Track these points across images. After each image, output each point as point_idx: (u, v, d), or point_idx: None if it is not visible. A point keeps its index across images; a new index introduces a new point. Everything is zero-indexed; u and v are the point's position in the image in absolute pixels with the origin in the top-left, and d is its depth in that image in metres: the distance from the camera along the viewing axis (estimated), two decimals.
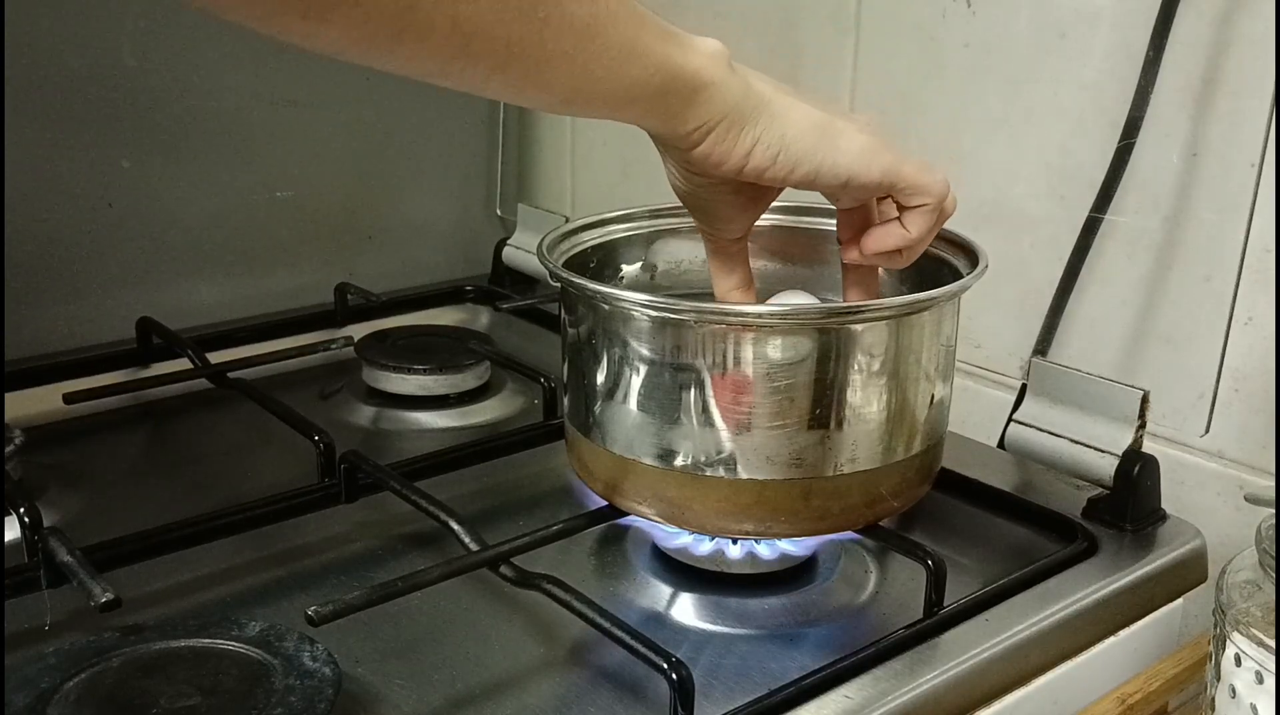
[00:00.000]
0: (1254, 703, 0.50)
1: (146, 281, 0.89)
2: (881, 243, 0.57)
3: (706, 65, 0.49)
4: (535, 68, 0.45)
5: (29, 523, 0.57)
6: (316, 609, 0.49)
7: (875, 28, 0.82)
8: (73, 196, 0.85)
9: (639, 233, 0.67)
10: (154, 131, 0.88)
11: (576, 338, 0.59)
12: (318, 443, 0.67)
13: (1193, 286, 0.69)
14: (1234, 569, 0.53)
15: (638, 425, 0.56)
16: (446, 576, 0.55)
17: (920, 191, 0.55)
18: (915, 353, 0.56)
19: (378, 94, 0.98)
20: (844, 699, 0.51)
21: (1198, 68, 0.67)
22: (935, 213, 0.56)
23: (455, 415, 0.83)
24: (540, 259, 0.59)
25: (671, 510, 0.57)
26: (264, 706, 0.47)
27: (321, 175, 0.97)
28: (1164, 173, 0.69)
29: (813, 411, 0.54)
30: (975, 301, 0.68)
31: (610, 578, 0.62)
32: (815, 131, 0.52)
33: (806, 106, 0.53)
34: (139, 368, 0.85)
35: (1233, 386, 0.69)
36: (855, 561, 0.64)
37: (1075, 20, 0.72)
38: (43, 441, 0.74)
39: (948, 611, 0.57)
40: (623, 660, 0.53)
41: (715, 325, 0.53)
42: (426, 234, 1.05)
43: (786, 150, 0.51)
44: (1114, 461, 0.65)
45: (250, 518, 0.64)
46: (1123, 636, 0.61)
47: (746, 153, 0.51)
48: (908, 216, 0.56)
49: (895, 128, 0.81)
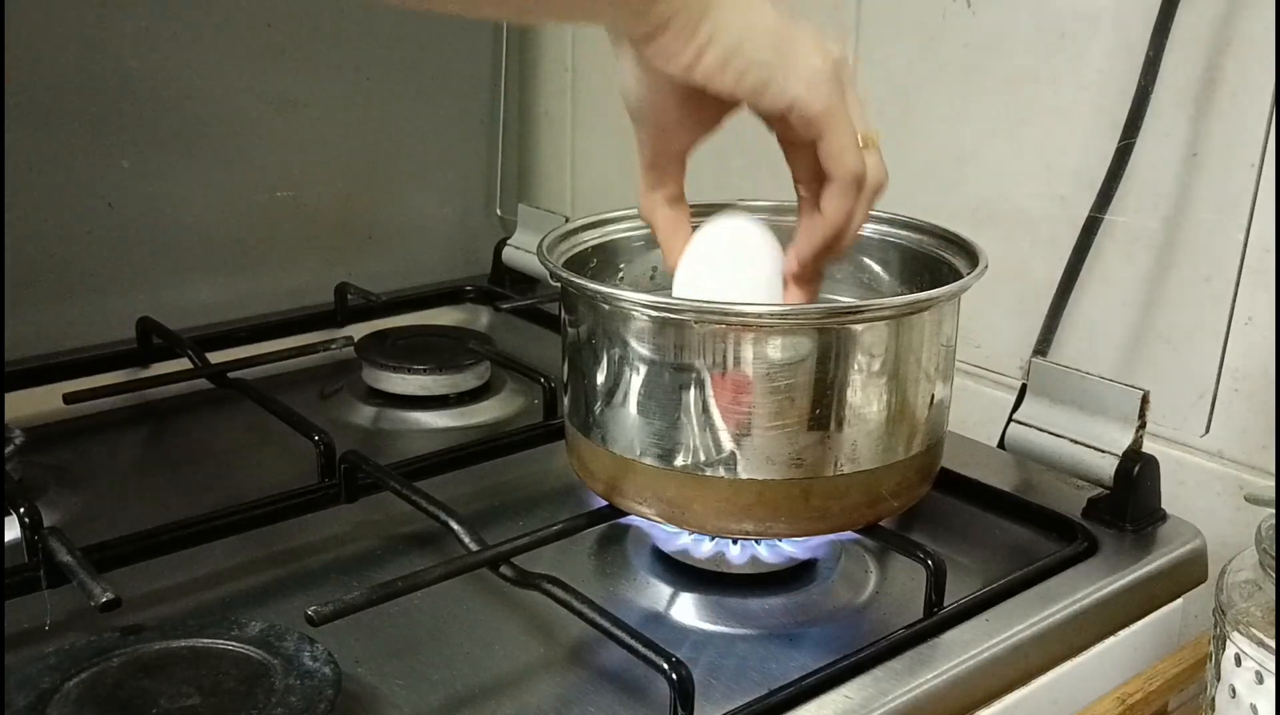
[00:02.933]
0: (1254, 703, 0.50)
1: (146, 281, 0.89)
2: (810, 240, 0.55)
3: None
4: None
5: (29, 523, 0.57)
6: (316, 609, 0.49)
7: (875, 28, 0.82)
8: (73, 196, 0.85)
9: (639, 233, 0.67)
10: (154, 131, 0.88)
11: (576, 338, 0.59)
12: (318, 443, 0.67)
13: (1193, 286, 0.69)
14: (1234, 569, 0.53)
15: (638, 425, 0.56)
16: (446, 576, 0.55)
17: (835, 159, 0.52)
18: (915, 353, 0.56)
19: (378, 94, 0.98)
20: (844, 699, 0.51)
21: (1198, 68, 0.67)
22: (850, 193, 0.53)
23: (455, 415, 0.83)
24: (540, 259, 0.59)
25: (671, 510, 0.57)
26: (264, 706, 0.47)
27: (321, 175, 0.97)
28: (1164, 173, 0.69)
29: (813, 411, 0.54)
30: (975, 301, 0.67)
31: (610, 578, 0.62)
32: (772, 37, 0.50)
33: (769, 9, 0.50)
34: (139, 368, 0.85)
35: (1233, 386, 0.69)
36: (855, 561, 0.64)
37: (1075, 20, 0.72)
38: (43, 441, 0.74)
39: (948, 611, 0.57)
40: (623, 660, 0.53)
41: (715, 325, 0.53)
42: (426, 234, 1.05)
43: (738, 52, 0.49)
44: (1114, 461, 0.65)
45: (250, 518, 0.64)
46: (1123, 636, 0.61)
47: (700, 49, 0.48)
48: (825, 196, 0.53)
49: (886, 135, 0.82)
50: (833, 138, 0.52)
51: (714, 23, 0.48)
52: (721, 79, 0.49)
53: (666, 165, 0.56)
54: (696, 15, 0.48)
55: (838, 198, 0.53)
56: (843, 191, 0.53)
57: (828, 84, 0.51)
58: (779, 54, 0.50)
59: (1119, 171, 0.70)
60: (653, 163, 0.56)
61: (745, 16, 0.49)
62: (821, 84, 0.51)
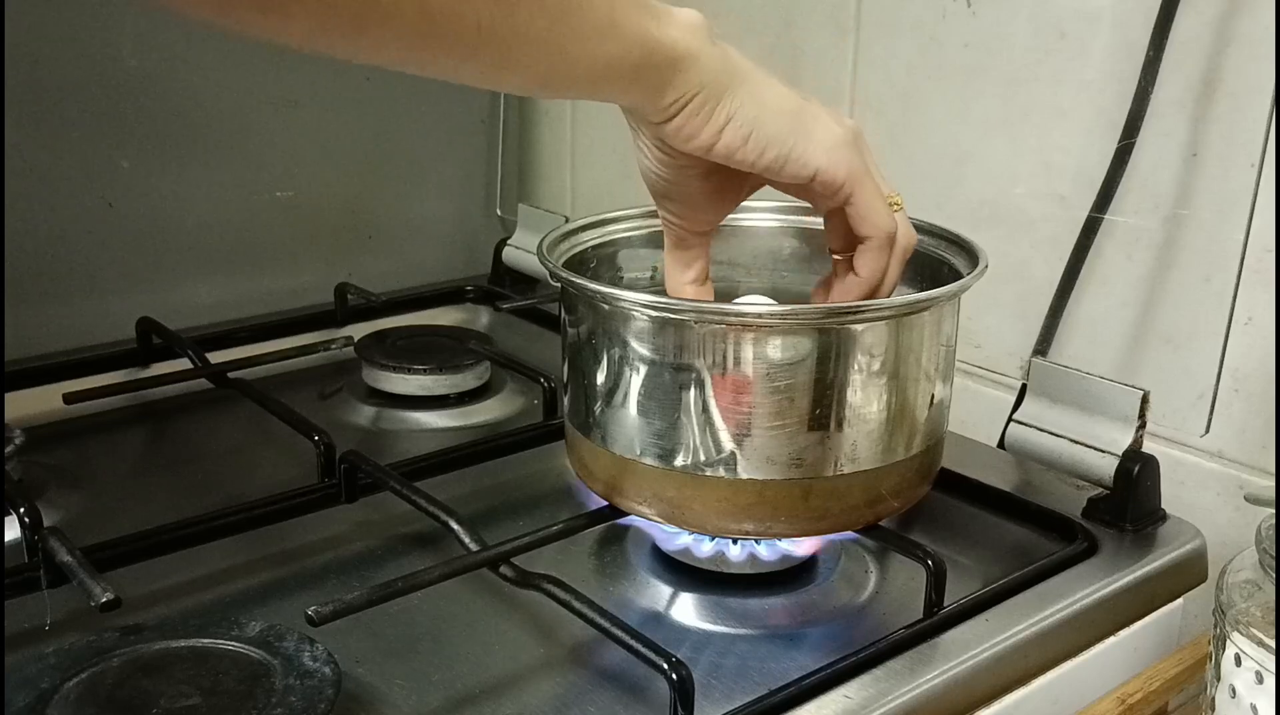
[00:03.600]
0: (1254, 703, 0.50)
1: (146, 281, 0.89)
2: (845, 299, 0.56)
3: (684, 37, 0.48)
4: (508, 51, 0.44)
5: (29, 523, 0.57)
6: (316, 609, 0.49)
7: (875, 28, 0.82)
8: (73, 196, 0.85)
9: (639, 233, 0.67)
10: (154, 131, 0.88)
11: (576, 338, 0.59)
12: (318, 443, 0.67)
13: (1193, 286, 0.69)
14: (1234, 569, 0.53)
15: (638, 425, 0.56)
16: (446, 576, 0.55)
17: (867, 220, 0.53)
18: (915, 353, 0.56)
19: (378, 94, 0.98)
20: (844, 699, 0.51)
21: (1198, 68, 0.67)
22: (884, 251, 0.54)
23: (455, 415, 0.83)
24: (540, 259, 0.59)
25: (671, 510, 0.57)
26: (264, 706, 0.47)
27: (321, 175, 0.97)
28: (1164, 173, 0.69)
29: (813, 411, 0.54)
30: (975, 301, 0.68)
31: (610, 578, 0.62)
32: (790, 115, 0.51)
33: (785, 89, 0.52)
34: (139, 368, 0.85)
35: (1233, 386, 0.69)
36: (855, 561, 0.64)
37: (1075, 20, 0.72)
38: (43, 441, 0.74)
39: (948, 611, 0.57)
40: (623, 660, 0.53)
41: (715, 325, 0.53)
42: (426, 234, 1.06)
43: (759, 130, 0.50)
44: (1114, 461, 0.65)
45: (250, 518, 0.64)
46: (1123, 636, 0.61)
47: (719, 129, 0.50)
48: (859, 258, 0.55)
49: (886, 135, 0.82)
50: (861, 199, 0.53)
51: (732, 102, 0.50)
52: (743, 154, 0.51)
53: (693, 244, 0.58)
54: (715, 96, 0.49)
55: (872, 256, 0.55)
56: (877, 249, 0.54)
57: (848, 150, 0.52)
58: (797, 127, 0.51)
59: (1119, 171, 0.70)
60: (680, 241, 0.58)
61: (762, 95, 0.50)
62: (842, 150, 0.52)
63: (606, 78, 0.47)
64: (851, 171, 0.52)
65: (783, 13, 0.87)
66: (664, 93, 0.49)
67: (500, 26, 0.43)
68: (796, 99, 0.52)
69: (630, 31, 0.47)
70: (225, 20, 0.39)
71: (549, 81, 0.47)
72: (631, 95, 0.49)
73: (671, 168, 0.53)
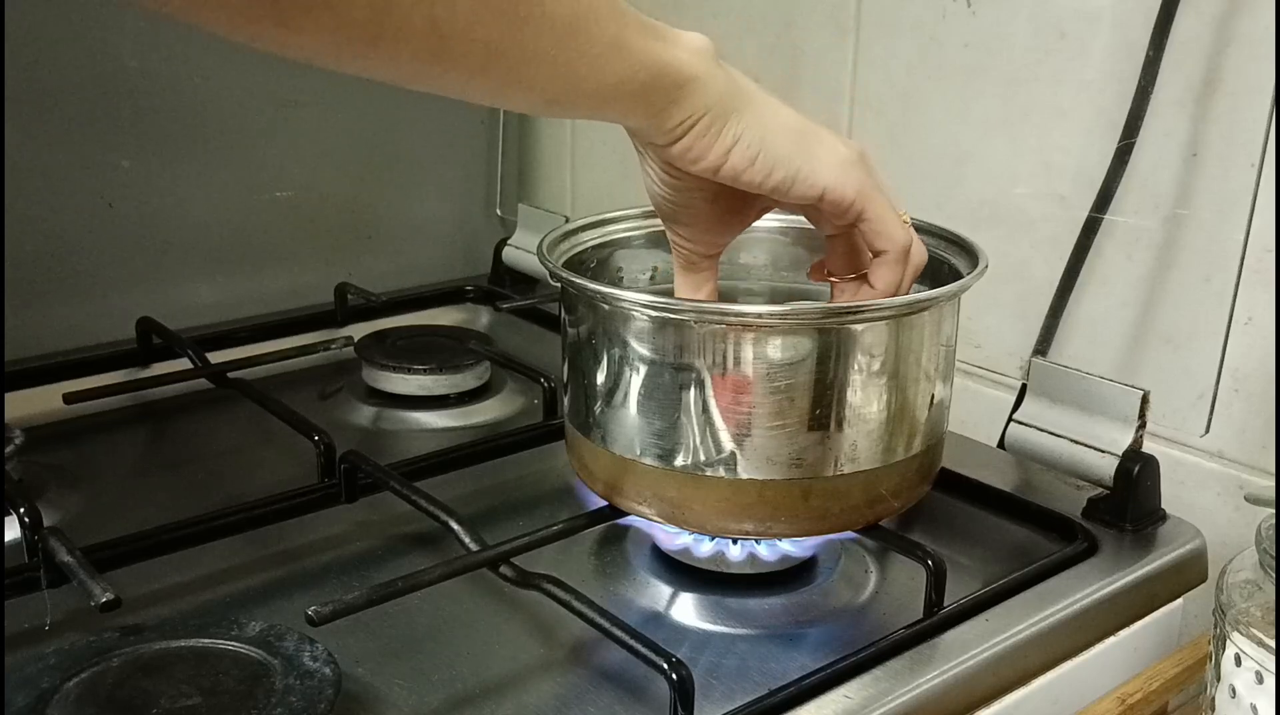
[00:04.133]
0: (1254, 703, 0.50)
1: (146, 281, 0.89)
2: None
3: (690, 60, 0.49)
4: (516, 69, 0.44)
5: (29, 523, 0.57)
6: (316, 609, 0.49)
7: (875, 28, 0.82)
8: (73, 196, 0.85)
9: (639, 233, 0.67)
10: (154, 131, 0.88)
11: (576, 338, 0.59)
12: (318, 443, 0.67)
13: (1193, 286, 0.69)
14: (1234, 569, 0.53)
15: (638, 425, 0.56)
16: (446, 576, 0.55)
17: (883, 235, 0.54)
18: (915, 353, 0.56)
19: (378, 94, 0.98)
20: (844, 699, 0.51)
21: (1198, 68, 0.67)
22: (900, 264, 0.55)
23: (455, 415, 0.83)
24: (540, 259, 0.59)
25: (671, 510, 0.57)
26: (264, 706, 0.47)
27: (321, 175, 0.97)
28: (1164, 173, 0.69)
29: (813, 411, 0.54)
30: (975, 301, 0.68)
31: (610, 578, 0.62)
32: (796, 135, 0.51)
33: (790, 110, 0.52)
34: (139, 368, 0.85)
35: (1233, 386, 0.69)
36: (855, 561, 0.64)
37: (1075, 20, 0.72)
38: (43, 441, 0.74)
39: (948, 611, 0.57)
40: (623, 660, 0.53)
41: (715, 325, 0.53)
42: (426, 234, 1.06)
43: (766, 151, 0.51)
44: (1114, 461, 0.65)
45: (250, 518, 0.64)
46: (1123, 636, 0.61)
47: (726, 150, 0.50)
48: (874, 271, 0.55)
49: (886, 135, 0.82)
50: (874, 213, 0.53)
51: (739, 123, 0.50)
52: (751, 175, 0.51)
53: (703, 266, 0.58)
54: (721, 117, 0.50)
55: (888, 269, 0.55)
56: (893, 263, 0.55)
57: (856, 168, 0.53)
58: (804, 148, 0.52)
59: (1119, 171, 0.70)
60: (689, 264, 0.58)
61: (767, 117, 0.51)
62: (850, 169, 0.52)
63: (614, 98, 0.48)
64: (861, 188, 0.52)
65: (783, 13, 0.87)
66: (671, 114, 0.49)
67: (509, 45, 0.43)
68: (802, 120, 0.52)
69: (638, 53, 0.47)
70: (239, 35, 0.39)
71: (557, 100, 0.47)
72: (638, 116, 0.49)
73: (679, 190, 0.54)
